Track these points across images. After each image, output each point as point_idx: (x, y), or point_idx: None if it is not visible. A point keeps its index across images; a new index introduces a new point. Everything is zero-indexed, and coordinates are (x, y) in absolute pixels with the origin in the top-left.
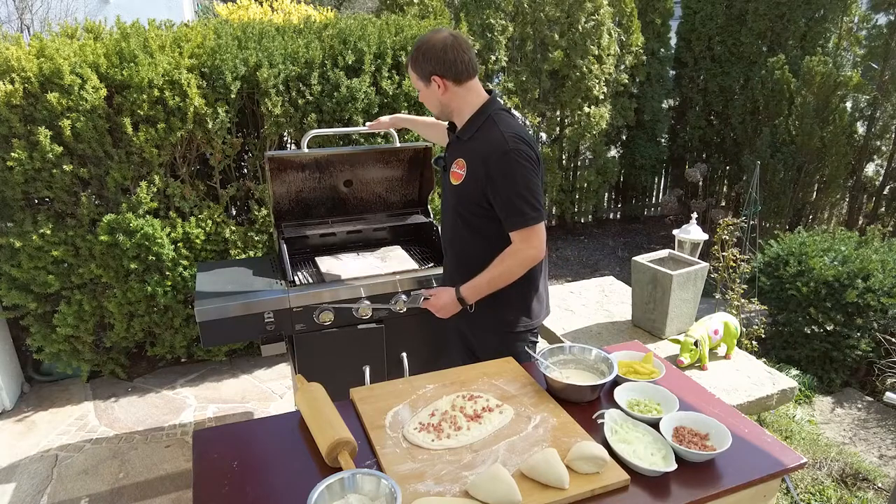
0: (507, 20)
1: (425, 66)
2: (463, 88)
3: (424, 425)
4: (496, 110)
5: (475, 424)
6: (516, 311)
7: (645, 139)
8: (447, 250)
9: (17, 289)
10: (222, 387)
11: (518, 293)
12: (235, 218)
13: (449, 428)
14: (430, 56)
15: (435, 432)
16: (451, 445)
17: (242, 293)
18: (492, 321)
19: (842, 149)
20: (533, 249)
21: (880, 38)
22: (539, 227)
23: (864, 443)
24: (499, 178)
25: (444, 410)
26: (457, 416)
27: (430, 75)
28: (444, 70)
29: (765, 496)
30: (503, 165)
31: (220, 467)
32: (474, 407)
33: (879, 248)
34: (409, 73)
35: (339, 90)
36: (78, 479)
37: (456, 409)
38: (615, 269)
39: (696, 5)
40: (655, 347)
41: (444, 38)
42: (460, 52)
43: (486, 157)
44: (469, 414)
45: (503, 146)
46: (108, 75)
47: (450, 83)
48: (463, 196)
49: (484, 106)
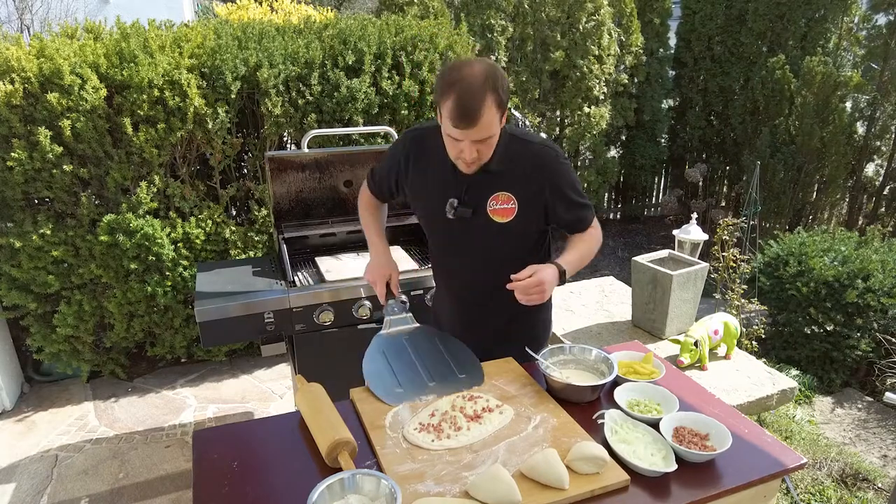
0: (507, 20)
1: (507, 97)
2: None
3: (424, 426)
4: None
5: (475, 425)
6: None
7: (645, 139)
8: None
9: (17, 289)
10: (222, 387)
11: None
12: (235, 218)
13: (449, 428)
14: (506, 81)
15: (435, 432)
16: (451, 446)
17: (242, 293)
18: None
19: (842, 149)
20: (600, 230)
21: (880, 38)
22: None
23: (864, 443)
24: (565, 188)
25: (444, 411)
26: (457, 417)
27: (505, 110)
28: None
29: (765, 496)
30: (563, 174)
31: (220, 467)
32: (474, 407)
33: (879, 249)
34: (488, 116)
35: (339, 90)
36: (78, 480)
37: (456, 410)
38: (615, 269)
39: (696, 5)
40: (655, 347)
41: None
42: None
43: (544, 177)
44: (469, 414)
45: (556, 156)
46: (108, 75)
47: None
48: (515, 230)
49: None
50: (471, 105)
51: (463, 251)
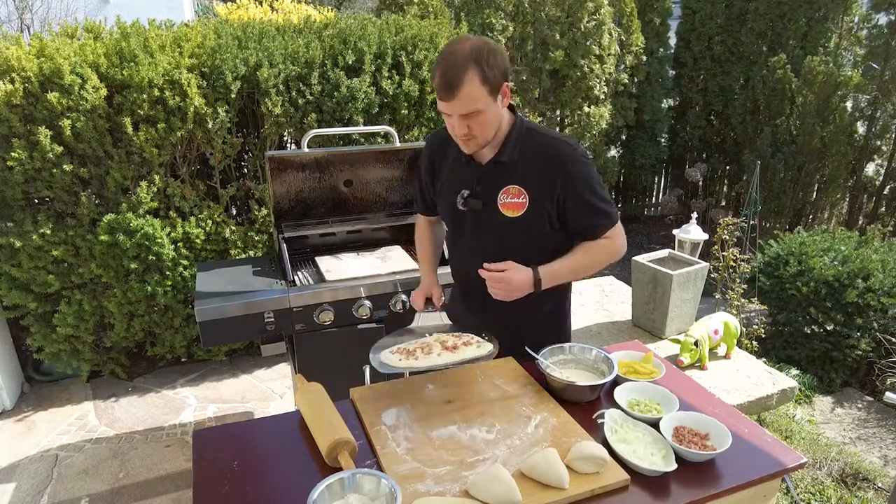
0: (507, 20)
1: (500, 73)
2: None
3: (401, 350)
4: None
5: (448, 353)
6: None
7: (645, 139)
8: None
9: (17, 289)
10: (222, 387)
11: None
12: (235, 218)
13: (420, 353)
14: (502, 59)
15: (405, 355)
16: (416, 366)
17: (242, 293)
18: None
19: (842, 148)
20: (621, 246)
21: (881, 37)
22: (620, 224)
23: (864, 443)
24: (579, 185)
25: (425, 342)
26: (433, 346)
27: (502, 83)
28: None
29: (765, 496)
30: (580, 171)
31: (220, 467)
32: (455, 342)
33: (879, 248)
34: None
35: (340, 90)
36: (78, 479)
37: (437, 342)
38: (615, 269)
39: (696, 5)
40: (655, 347)
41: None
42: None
43: (556, 170)
44: (448, 346)
45: (572, 152)
46: (108, 75)
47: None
48: (526, 226)
49: (517, 119)
50: (451, 76)
51: (474, 244)
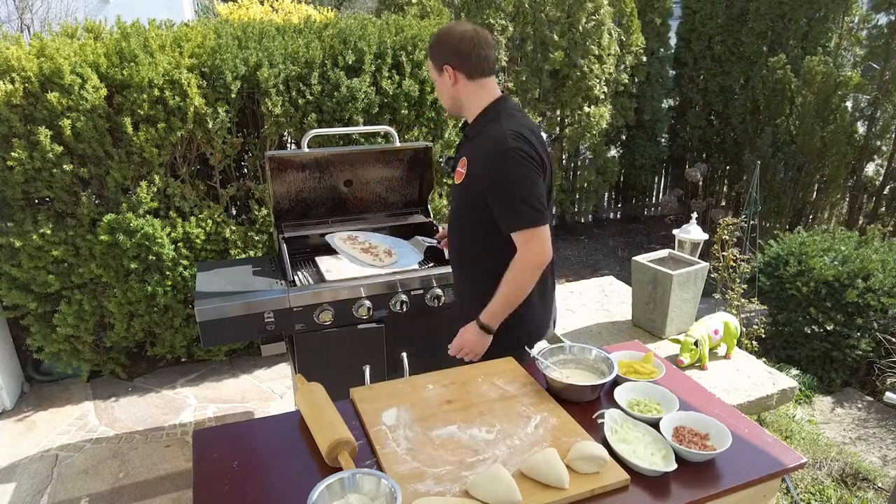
0: (507, 20)
1: (440, 56)
2: (475, 84)
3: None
4: (507, 108)
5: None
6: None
7: (645, 139)
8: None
9: (17, 289)
10: (222, 387)
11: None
12: (235, 218)
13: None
14: (445, 45)
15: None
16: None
17: (242, 293)
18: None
19: (842, 148)
20: (535, 254)
21: (881, 37)
22: (541, 230)
23: (864, 443)
24: (496, 177)
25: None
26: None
27: (442, 65)
28: (458, 62)
29: (765, 496)
30: (501, 164)
31: (220, 467)
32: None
33: (879, 248)
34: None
35: (340, 90)
36: (78, 479)
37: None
38: (615, 269)
39: (696, 5)
40: (655, 347)
41: (465, 31)
42: (477, 48)
43: (485, 156)
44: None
45: (503, 144)
46: (108, 75)
47: (461, 76)
48: (463, 197)
49: (494, 103)
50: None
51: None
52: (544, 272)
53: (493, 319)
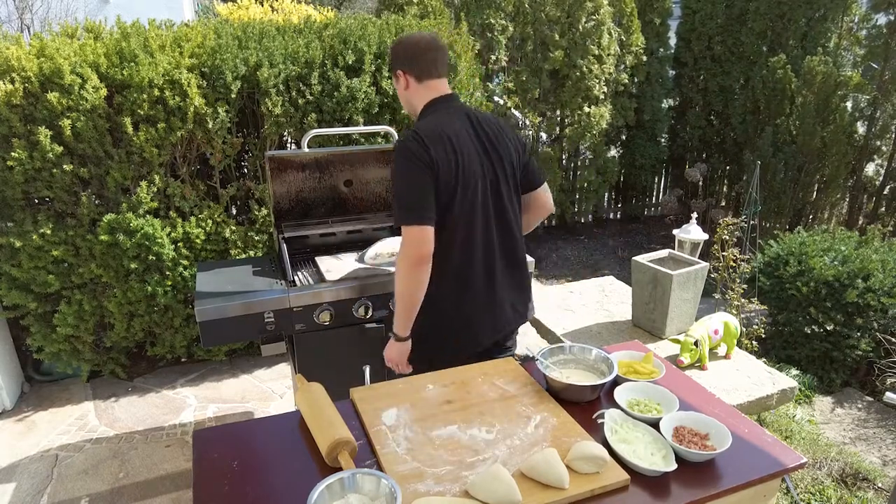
0: (507, 20)
1: (394, 62)
2: (423, 86)
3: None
4: (438, 108)
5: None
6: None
7: (645, 139)
8: None
9: (17, 289)
10: (222, 387)
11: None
12: (235, 218)
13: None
14: (397, 52)
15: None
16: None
17: (242, 293)
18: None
19: (842, 148)
20: (407, 253)
21: (880, 37)
22: (412, 229)
23: (864, 443)
24: (393, 175)
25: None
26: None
27: (396, 70)
28: (408, 66)
29: (765, 496)
30: (394, 160)
31: (220, 467)
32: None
33: (879, 248)
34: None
35: (340, 90)
36: (78, 479)
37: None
38: (615, 269)
39: (696, 5)
40: (655, 347)
41: (417, 37)
42: (427, 51)
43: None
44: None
45: (398, 141)
46: (108, 75)
47: (412, 79)
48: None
49: (430, 102)
50: None
51: None
52: (468, 281)
53: (397, 326)
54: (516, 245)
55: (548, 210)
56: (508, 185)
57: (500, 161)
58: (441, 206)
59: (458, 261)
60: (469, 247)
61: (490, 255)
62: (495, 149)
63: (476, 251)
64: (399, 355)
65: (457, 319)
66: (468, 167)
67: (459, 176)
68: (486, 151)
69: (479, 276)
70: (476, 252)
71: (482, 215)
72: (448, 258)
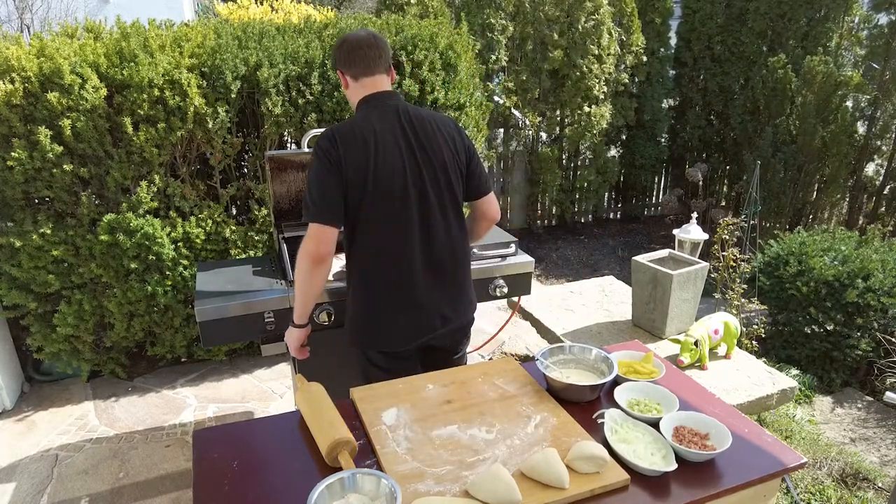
0: (507, 20)
1: (335, 62)
2: (359, 84)
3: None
4: (369, 105)
5: None
6: (350, 327)
7: (645, 139)
8: None
9: (17, 288)
10: (222, 386)
11: (351, 309)
12: (236, 218)
13: None
14: (336, 52)
15: None
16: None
17: (242, 293)
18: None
19: (842, 148)
20: (305, 249)
21: (881, 37)
22: (312, 227)
23: (865, 442)
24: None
25: None
26: None
27: (337, 69)
28: (344, 65)
29: (765, 496)
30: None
31: (220, 467)
32: None
33: (879, 248)
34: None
35: (340, 90)
36: (78, 479)
37: None
38: (615, 269)
39: (696, 5)
40: (655, 347)
41: (354, 36)
42: (359, 49)
43: None
44: None
45: (315, 139)
46: (108, 75)
47: (349, 78)
48: None
49: (362, 100)
50: None
51: None
52: (379, 282)
53: (294, 314)
54: (443, 248)
55: (490, 220)
56: (439, 186)
57: (430, 162)
58: (351, 205)
59: (369, 260)
60: (384, 246)
61: (409, 256)
62: (423, 149)
63: (391, 251)
64: (295, 341)
65: (371, 318)
66: (385, 167)
67: (370, 176)
68: (413, 151)
69: (392, 277)
70: (391, 252)
71: (403, 216)
72: (360, 256)
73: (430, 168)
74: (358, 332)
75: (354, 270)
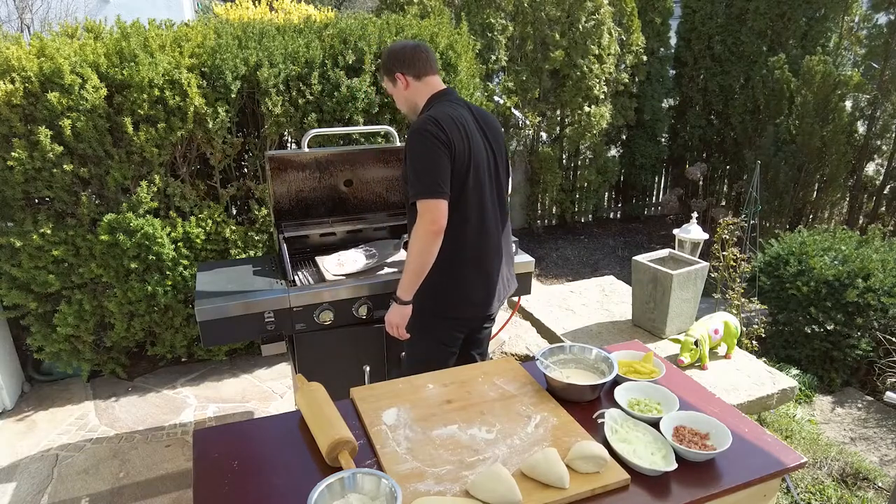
0: (507, 20)
1: (392, 67)
2: (423, 83)
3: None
4: (442, 99)
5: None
6: (428, 295)
7: (645, 138)
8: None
9: (17, 288)
10: (222, 386)
11: (431, 279)
12: (236, 217)
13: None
14: (394, 57)
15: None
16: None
17: (242, 293)
18: (417, 307)
19: (842, 148)
20: (425, 224)
21: (880, 37)
22: (432, 202)
23: (865, 442)
24: (407, 153)
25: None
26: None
27: (394, 74)
28: (406, 68)
29: (765, 496)
30: (410, 142)
31: (220, 467)
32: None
33: (880, 248)
34: (382, 77)
35: (340, 90)
36: (78, 479)
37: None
38: (615, 269)
39: (696, 4)
40: (655, 347)
41: (405, 43)
42: (418, 52)
43: (407, 138)
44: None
45: (416, 125)
46: (108, 75)
47: (411, 79)
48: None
49: (434, 96)
50: None
51: None
52: (458, 250)
53: (402, 290)
54: (508, 224)
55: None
56: (499, 176)
57: (500, 149)
58: (457, 185)
59: (472, 237)
60: (481, 224)
61: (496, 231)
62: (495, 138)
63: (487, 228)
64: (401, 318)
65: (448, 282)
66: (477, 153)
67: (471, 158)
68: (489, 143)
69: (489, 252)
70: (487, 229)
71: (490, 196)
72: (463, 234)
73: (500, 155)
74: (440, 295)
75: (460, 248)
